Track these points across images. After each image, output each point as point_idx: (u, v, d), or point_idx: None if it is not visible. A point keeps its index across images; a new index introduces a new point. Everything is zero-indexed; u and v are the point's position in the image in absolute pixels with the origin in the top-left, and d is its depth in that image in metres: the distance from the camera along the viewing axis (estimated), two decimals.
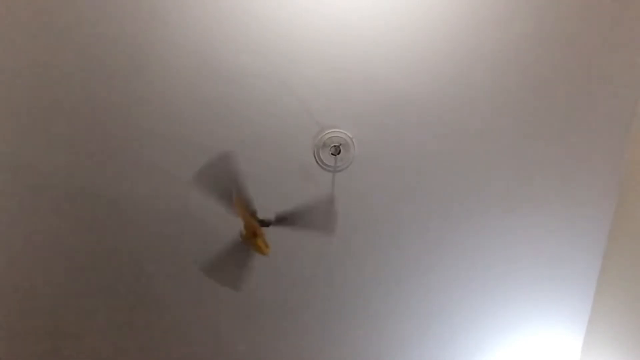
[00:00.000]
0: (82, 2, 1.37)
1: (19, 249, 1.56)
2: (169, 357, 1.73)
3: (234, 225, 1.57)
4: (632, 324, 1.53)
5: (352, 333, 1.74)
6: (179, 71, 1.44)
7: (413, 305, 1.71)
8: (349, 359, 1.78)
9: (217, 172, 0.82)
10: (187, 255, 1.60)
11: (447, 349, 1.78)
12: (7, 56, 1.40)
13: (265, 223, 0.86)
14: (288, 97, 1.48)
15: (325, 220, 0.88)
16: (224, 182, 0.81)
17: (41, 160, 1.48)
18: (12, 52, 1.40)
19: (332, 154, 1.52)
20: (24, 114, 1.44)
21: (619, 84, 1.50)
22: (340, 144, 1.51)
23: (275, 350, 1.75)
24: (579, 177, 1.59)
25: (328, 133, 1.51)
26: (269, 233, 1.19)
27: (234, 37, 1.42)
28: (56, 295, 1.61)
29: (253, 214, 0.85)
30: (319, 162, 1.53)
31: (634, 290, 1.53)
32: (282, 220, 0.86)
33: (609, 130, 1.55)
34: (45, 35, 1.39)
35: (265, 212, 1.19)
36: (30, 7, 1.36)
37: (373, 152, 1.53)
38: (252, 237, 0.88)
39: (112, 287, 1.62)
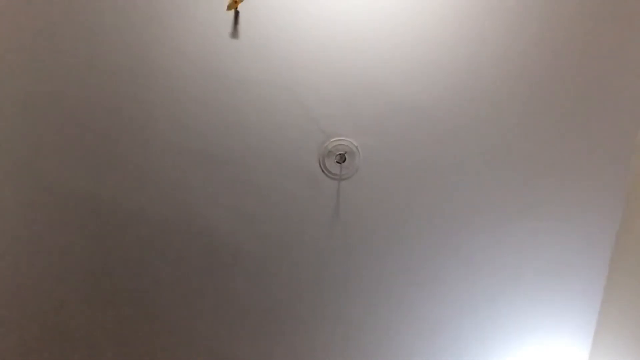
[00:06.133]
0: (86, 10, 1.37)
1: (20, 255, 1.55)
2: None
3: (237, 233, 1.57)
4: None
5: (356, 342, 1.72)
6: (184, 79, 1.44)
7: (417, 315, 1.69)
8: None
9: None
10: (191, 263, 1.59)
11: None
12: (11, 62, 1.40)
13: None
14: (293, 105, 1.47)
15: None
16: None
17: (44, 166, 1.48)
18: (16, 57, 1.40)
19: (338, 162, 1.51)
20: (28, 118, 1.45)
21: (625, 90, 1.50)
22: (346, 152, 1.50)
23: None
24: (584, 184, 1.58)
25: (333, 141, 1.50)
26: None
27: (238, 44, 1.42)
28: (59, 302, 1.60)
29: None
30: (324, 170, 1.52)
31: None
32: None
33: (615, 136, 1.54)
34: (49, 41, 1.39)
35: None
36: (36, 12, 1.37)
37: (378, 161, 1.53)
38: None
39: (114, 295, 1.61)
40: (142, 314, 1.63)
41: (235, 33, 1.41)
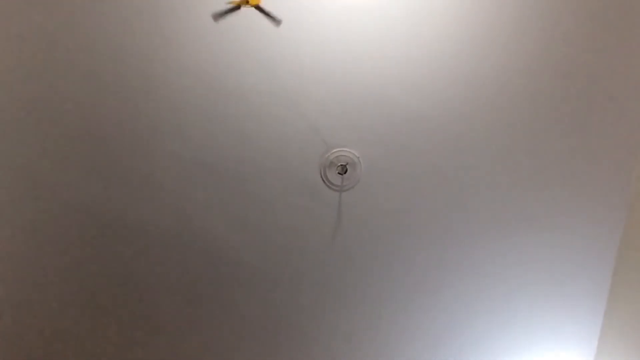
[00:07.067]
0: (91, 26, 1.38)
1: (21, 263, 1.56)
2: None
3: (238, 244, 1.57)
4: None
5: (358, 352, 1.72)
6: (186, 90, 1.44)
7: (420, 326, 1.69)
8: None
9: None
10: (192, 273, 1.60)
11: None
12: (13, 73, 1.41)
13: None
14: (295, 116, 1.47)
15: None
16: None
17: (44, 175, 1.49)
18: (19, 68, 1.41)
19: (339, 173, 1.51)
20: (29, 129, 1.46)
21: (628, 101, 1.49)
22: (347, 163, 1.50)
23: None
24: (587, 196, 1.57)
25: (335, 152, 1.50)
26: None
27: (240, 56, 1.42)
28: (59, 310, 1.61)
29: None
30: (326, 181, 1.52)
31: None
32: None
33: (618, 147, 1.53)
34: (51, 52, 1.40)
35: None
36: (38, 24, 1.38)
37: (380, 171, 1.52)
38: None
39: (114, 303, 1.62)
40: (141, 323, 1.64)
41: (236, 42, 1.40)
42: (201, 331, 1.66)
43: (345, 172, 1.51)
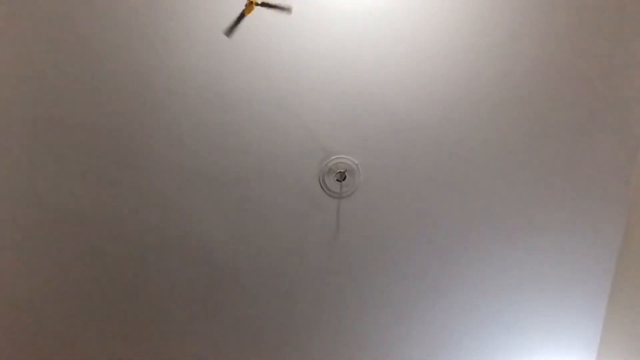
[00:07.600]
0: (91, 34, 1.39)
1: (22, 271, 1.58)
2: None
3: (236, 251, 1.58)
4: None
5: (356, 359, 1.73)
6: (185, 99, 1.44)
7: (419, 332, 1.70)
8: None
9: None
10: (190, 279, 1.61)
11: None
12: (15, 83, 1.42)
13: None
14: (293, 124, 1.47)
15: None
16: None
17: (46, 187, 1.50)
18: (19, 79, 1.42)
19: (338, 180, 1.51)
20: (29, 139, 1.47)
21: (627, 110, 1.48)
22: (346, 170, 1.50)
23: None
24: (586, 203, 1.56)
25: (333, 159, 1.50)
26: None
27: (238, 64, 1.42)
28: (60, 323, 1.63)
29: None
30: (324, 188, 1.52)
31: None
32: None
33: (616, 155, 1.52)
34: (51, 61, 1.41)
35: None
36: (39, 34, 1.38)
37: (378, 179, 1.52)
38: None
39: (116, 315, 1.64)
40: (140, 330, 1.65)
41: (235, 52, 1.41)
42: (200, 338, 1.67)
43: (344, 179, 1.51)
